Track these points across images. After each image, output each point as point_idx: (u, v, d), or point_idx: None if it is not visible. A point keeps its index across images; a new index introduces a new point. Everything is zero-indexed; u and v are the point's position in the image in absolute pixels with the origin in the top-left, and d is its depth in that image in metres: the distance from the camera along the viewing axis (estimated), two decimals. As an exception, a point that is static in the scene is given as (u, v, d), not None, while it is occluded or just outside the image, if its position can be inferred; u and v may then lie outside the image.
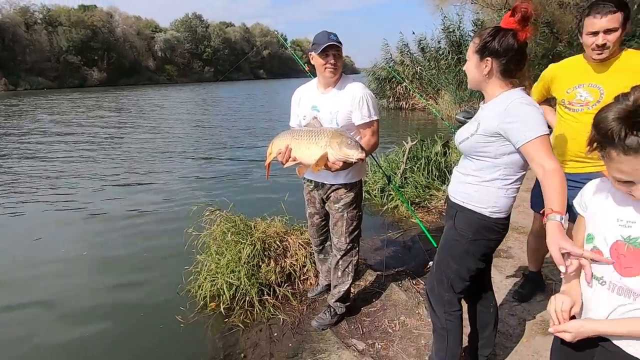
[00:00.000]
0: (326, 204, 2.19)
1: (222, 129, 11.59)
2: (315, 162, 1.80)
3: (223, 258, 2.64)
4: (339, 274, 2.21)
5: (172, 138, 10.10)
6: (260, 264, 2.69)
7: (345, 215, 2.10)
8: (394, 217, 4.08)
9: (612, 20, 1.60)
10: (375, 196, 4.44)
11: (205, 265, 2.67)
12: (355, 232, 2.17)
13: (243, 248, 2.66)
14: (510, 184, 1.41)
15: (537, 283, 2.40)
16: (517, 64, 1.38)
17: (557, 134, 1.91)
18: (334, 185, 2.08)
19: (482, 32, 1.40)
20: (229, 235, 2.75)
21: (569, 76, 1.84)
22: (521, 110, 1.29)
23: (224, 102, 22.50)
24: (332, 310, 2.27)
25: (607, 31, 1.62)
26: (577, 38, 1.80)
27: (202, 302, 2.53)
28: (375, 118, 1.97)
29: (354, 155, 1.72)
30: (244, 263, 2.60)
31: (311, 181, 2.19)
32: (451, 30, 13.96)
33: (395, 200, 4.21)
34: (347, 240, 2.14)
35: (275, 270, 2.67)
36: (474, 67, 1.42)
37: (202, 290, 2.56)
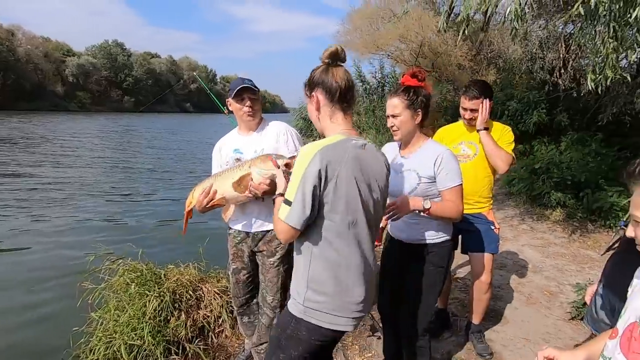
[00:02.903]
0: (257, 257, 2.01)
1: (134, 167, 10.68)
2: (237, 182, 1.67)
3: (124, 314, 2.33)
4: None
5: (70, 175, 8.96)
6: (169, 317, 2.43)
7: (281, 269, 1.95)
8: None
9: (475, 104, 2.16)
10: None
11: (101, 324, 2.32)
12: (288, 285, 2.06)
13: (149, 301, 2.39)
14: None
15: (444, 320, 2.56)
16: (427, 114, 1.67)
17: None
18: (266, 234, 1.93)
19: (400, 92, 1.62)
20: (132, 286, 2.46)
21: (454, 135, 2.31)
22: (451, 159, 1.62)
23: (141, 135, 21.11)
24: None
25: (472, 110, 2.16)
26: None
27: (93, 370, 2.17)
28: None
29: (281, 161, 1.60)
30: (150, 318, 2.32)
31: (239, 232, 2.01)
32: (362, 80, 15.43)
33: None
34: (282, 297, 1.98)
35: (186, 324, 2.43)
36: (409, 120, 1.62)
37: (94, 354, 2.20)
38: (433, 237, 1.70)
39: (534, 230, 4.79)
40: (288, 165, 1.57)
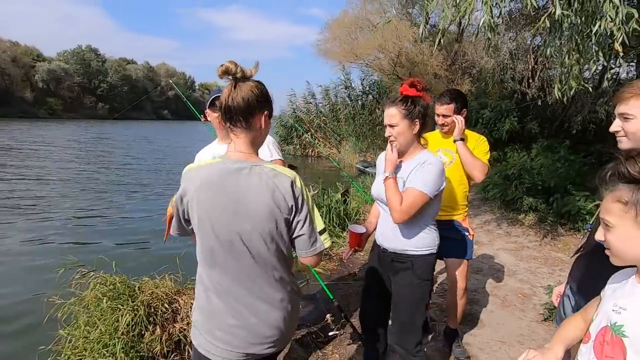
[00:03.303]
0: None
1: (106, 178, 10.23)
2: None
3: (94, 330, 2.23)
4: None
5: (37, 187, 8.52)
6: (144, 332, 2.35)
7: None
8: (297, 265, 4.05)
9: (447, 109, 2.22)
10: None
11: (70, 342, 2.21)
12: None
13: (122, 315, 2.30)
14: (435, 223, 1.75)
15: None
16: (426, 124, 1.68)
17: None
18: None
19: (398, 101, 1.63)
20: (104, 301, 2.36)
21: (431, 144, 2.32)
22: (431, 170, 1.59)
23: (114, 144, 20.51)
24: None
25: (445, 116, 2.23)
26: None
27: (60, 392, 2.06)
28: (278, 157, 1.96)
29: None
30: (122, 334, 2.23)
31: None
32: (346, 86, 15.59)
33: (299, 249, 4.22)
34: None
35: (161, 339, 2.35)
36: (406, 130, 1.62)
37: (62, 375, 2.10)
38: (418, 248, 1.68)
39: (508, 235, 4.94)
40: None
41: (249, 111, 1.12)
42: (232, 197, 1.09)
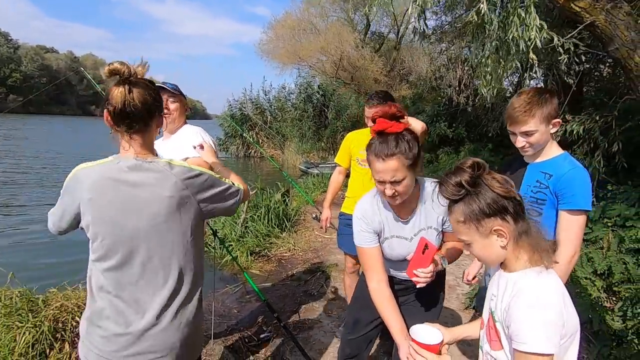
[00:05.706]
0: None
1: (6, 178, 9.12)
2: None
3: (-17, 353, 1.92)
4: None
5: None
6: (49, 350, 2.07)
7: None
8: (234, 269, 3.92)
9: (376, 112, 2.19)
10: (214, 248, 4.20)
11: (-51, 370, 1.87)
12: None
13: (20, 334, 2.01)
14: None
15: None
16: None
17: (352, 180, 2.46)
18: None
19: (395, 150, 1.22)
20: (-3, 318, 2.05)
21: (363, 141, 2.32)
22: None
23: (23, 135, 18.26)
24: None
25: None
26: None
27: None
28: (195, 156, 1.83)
29: None
30: (20, 354, 1.95)
31: None
32: (288, 90, 15.40)
33: (236, 251, 4.08)
34: None
35: (70, 356, 2.10)
36: (412, 180, 1.30)
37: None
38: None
39: (438, 231, 5.27)
40: None
41: (149, 114, 1.08)
42: (129, 195, 1.03)
